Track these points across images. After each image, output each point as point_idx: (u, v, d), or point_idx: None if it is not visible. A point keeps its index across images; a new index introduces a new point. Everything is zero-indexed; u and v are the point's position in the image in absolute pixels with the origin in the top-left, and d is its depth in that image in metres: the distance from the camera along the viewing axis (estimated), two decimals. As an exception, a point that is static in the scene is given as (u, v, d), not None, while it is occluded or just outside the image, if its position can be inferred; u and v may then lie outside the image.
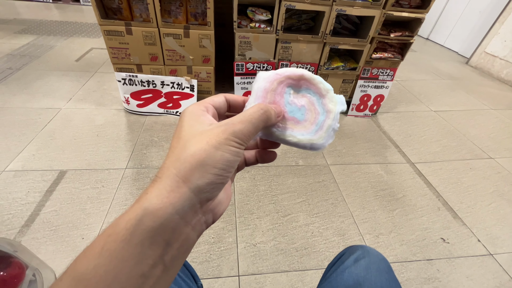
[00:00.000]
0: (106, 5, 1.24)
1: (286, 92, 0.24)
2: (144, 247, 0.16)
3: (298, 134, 0.24)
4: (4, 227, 0.90)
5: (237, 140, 0.19)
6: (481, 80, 2.49)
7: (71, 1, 3.47)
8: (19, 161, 1.15)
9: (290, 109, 0.24)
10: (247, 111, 0.21)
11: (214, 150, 0.18)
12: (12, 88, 1.63)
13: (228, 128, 0.19)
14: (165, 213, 0.16)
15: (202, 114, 0.21)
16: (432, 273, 0.91)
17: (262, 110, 0.21)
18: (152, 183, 0.18)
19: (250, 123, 0.20)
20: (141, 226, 0.16)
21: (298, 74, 0.23)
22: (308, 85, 0.24)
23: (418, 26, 1.39)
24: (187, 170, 0.17)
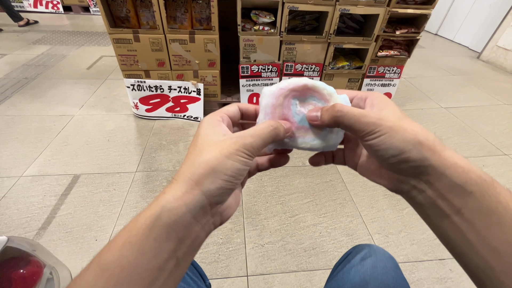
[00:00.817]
0: (115, 14, 1.29)
1: (293, 104, 0.25)
2: (161, 241, 0.18)
3: (310, 140, 0.26)
4: (23, 230, 0.95)
5: (246, 152, 0.20)
6: (494, 75, 2.41)
7: (82, 11, 3.59)
8: (36, 167, 1.20)
9: (299, 118, 0.25)
10: (259, 126, 0.22)
11: (226, 159, 0.20)
12: (27, 97, 1.70)
13: (240, 140, 0.21)
14: (180, 211, 0.18)
15: (218, 124, 0.23)
16: (445, 272, 0.89)
17: (271, 127, 0.23)
18: (169, 184, 0.20)
19: (260, 137, 0.21)
20: (159, 222, 0.18)
21: (301, 84, 0.25)
22: (312, 93, 0.25)
23: (424, 22, 1.37)
24: (201, 175, 0.19)
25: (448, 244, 0.21)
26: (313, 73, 1.50)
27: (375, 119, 0.20)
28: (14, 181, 1.12)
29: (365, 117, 0.21)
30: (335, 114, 0.22)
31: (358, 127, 0.21)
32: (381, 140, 0.20)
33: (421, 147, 0.19)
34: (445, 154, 0.19)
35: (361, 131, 0.21)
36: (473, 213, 0.18)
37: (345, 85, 1.60)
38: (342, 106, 0.22)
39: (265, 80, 1.51)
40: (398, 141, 0.19)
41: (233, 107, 0.26)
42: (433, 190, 0.20)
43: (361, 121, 0.21)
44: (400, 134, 0.19)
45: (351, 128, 0.21)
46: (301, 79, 0.25)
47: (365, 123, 0.20)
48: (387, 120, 0.20)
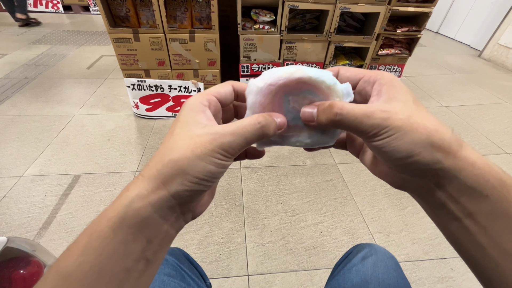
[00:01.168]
0: (114, 13, 1.28)
1: (285, 101, 0.22)
2: (127, 243, 0.17)
3: (304, 139, 0.23)
4: (23, 230, 0.95)
5: (223, 153, 0.18)
6: (495, 73, 2.40)
7: (81, 10, 3.59)
8: (36, 167, 1.20)
9: (292, 116, 0.22)
10: (243, 122, 0.19)
11: (198, 160, 0.17)
12: (28, 97, 1.70)
13: (217, 138, 0.18)
14: (146, 211, 0.17)
15: (201, 110, 0.20)
16: (446, 272, 0.89)
17: (258, 124, 0.19)
18: (135, 180, 0.18)
19: (242, 136, 0.18)
20: (124, 224, 0.17)
21: (294, 79, 0.20)
22: (309, 87, 0.21)
23: (425, 20, 1.36)
24: (168, 175, 0.17)
25: (455, 243, 0.20)
26: (313, 72, 1.50)
27: (380, 120, 0.17)
28: (15, 181, 1.12)
29: (369, 118, 0.18)
30: (333, 117, 0.19)
31: (360, 129, 0.18)
32: (387, 142, 0.17)
33: (432, 149, 0.17)
34: (461, 154, 0.17)
35: (364, 133, 0.18)
36: (486, 217, 0.17)
37: (346, 84, 1.59)
38: (341, 105, 0.18)
39: (266, 79, 1.50)
40: (406, 143, 0.17)
41: (225, 87, 0.22)
42: (443, 192, 0.18)
43: (364, 123, 0.18)
44: (410, 135, 0.17)
45: (353, 130, 0.19)
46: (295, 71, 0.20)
47: (369, 125, 0.18)
48: (395, 119, 0.17)
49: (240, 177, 1.21)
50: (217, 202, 1.08)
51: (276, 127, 0.20)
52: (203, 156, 0.17)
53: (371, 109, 0.18)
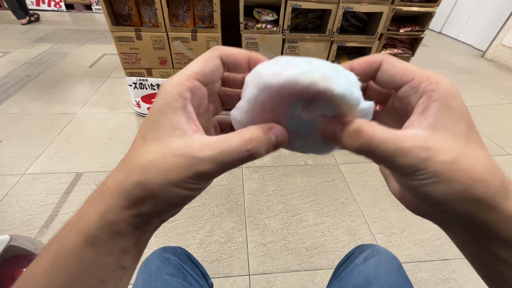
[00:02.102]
0: (117, 12, 1.28)
1: (293, 106, 0.17)
2: (102, 258, 0.16)
3: (299, 146, 0.20)
4: (25, 228, 0.95)
5: (199, 180, 0.15)
6: (498, 74, 2.39)
7: (84, 9, 3.60)
8: (38, 165, 1.20)
9: (293, 123, 0.18)
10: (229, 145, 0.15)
11: (170, 186, 0.15)
12: (30, 95, 1.71)
13: (194, 165, 0.15)
14: (120, 226, 0.16)
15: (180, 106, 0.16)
16: (448, 273, 0.88)
17: (247, 152, 0.15)
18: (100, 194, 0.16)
19: (224, 165, 0.15)
20: (96, 240, 0.15)
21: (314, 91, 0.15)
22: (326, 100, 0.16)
23: (428, 20, 1.35)
24: (139, 197, 0.15)
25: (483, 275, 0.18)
26: (315, 71, 1.49)
27: (418, 161, 0.14)
28: (17, 179, 1.13)
29: (403, 157, 0.14)
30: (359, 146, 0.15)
31: (391, 166, 0.15)
32: (419, 184, 0.14)
33: (470, 202, 0.14)
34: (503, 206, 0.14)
35: (397, 170, 0.15)
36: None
37: (348, 84, 1.59)
38: (372, 133, 0.15)
39: (267, 79, 1.50)
40: (441, 191, 0.14)
41: (211, 63, 0.17)
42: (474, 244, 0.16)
43: (396, 161, 0.14)
44: (448, 183, 0.14)
45: (381, 162, 0.16)
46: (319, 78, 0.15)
47: (401, 164, 0.14)
48: (436, 162, 0.14)
49: (241, 176, 1.20)
50: (218, 202, 1.08)
51: (271, 147, 0.16)
52: (176, 183, 0.15)
53: (408, 143, 0.14)
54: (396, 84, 0.17)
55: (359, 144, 0.15)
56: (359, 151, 0.16)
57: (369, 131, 0.15)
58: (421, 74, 0.16)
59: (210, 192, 1.12)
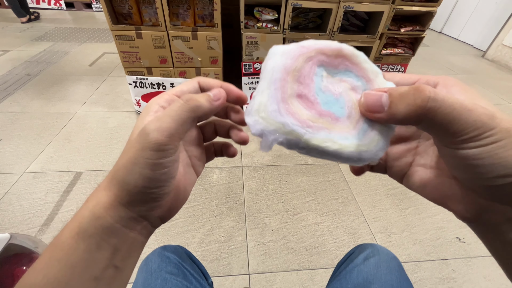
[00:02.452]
0: (117, 10, 1.28)
1: (317, 74, 0.16)
2: (92, 252, 0.17)
3: (339, 138, 0.16)
4: (25, 226, 0.95)
5: (152, 147, 0.15)
6: (499, 74, 2.39)
7: (84, 7, 3.59)
8: (38, 163, 1.20)
9: (324, 99, 0.16)
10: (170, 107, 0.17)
11: (132, 166, 0.16)
12: (30, 94, 1.70)
13: (142, 132, 0.16)
14: (106, 221, 0.17)
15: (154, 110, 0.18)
16: (447, 273, 0.88)
17: (182, 100, 0.17)
18: (95, 191, 0.18)
19: (170, 117, 0.16)
20: (86, 233, 0.17)
21: (334, 48, 0.16)
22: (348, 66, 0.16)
23: (429, 20, 1.35)
24: (116, 187, 0.17)
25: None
26: (316, 71, 1.49)
27: (486, 116, 0.13)
28: (17, 178, 1.13)
29: (472, 112, 0.13)
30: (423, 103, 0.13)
31: (455, 127, 0.13)
32: (491, 149, 0.12)
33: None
34: None
35: (457, 134, 0.13)
36: None
37: (348, 83, 1.59)
38: (433, 89, 0.13)
39: (268, 78, 1.50)
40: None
41: (190, 84, 0.20)
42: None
43: (464, 118, 0.13)
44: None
45: (444, 127, 0.13)
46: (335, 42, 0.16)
47: (470, 122, 0.13)
48: (501, 118, 0.13)
49: (241, 175, 1.20)
50: (218, 201, 1.08)
51: (209, 99, 0.18)
52: (136, 161, 0.16)
53: (469, 101, 0.13)
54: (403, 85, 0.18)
55: (421, 102, 0.13)
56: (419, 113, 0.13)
57: (430, 88, 0.13)
58: (422, 75, 0.17)
59: (210, 191, 1.12)
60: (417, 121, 0.14)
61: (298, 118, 0.15)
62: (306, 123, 0.16)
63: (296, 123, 0.15)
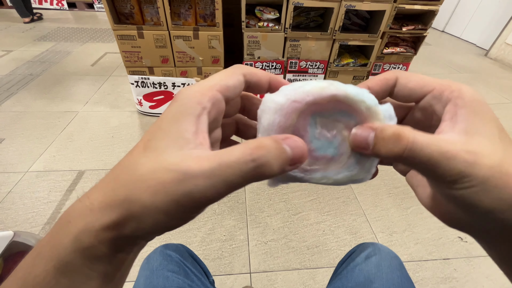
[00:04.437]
0: (119, 10, 1.28)
1: (311, 123, 0.17)
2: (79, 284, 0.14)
3: (333, 174, 0.17)
4: (28, 225, 0.96)
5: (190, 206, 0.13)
6: (502, 73, 2.37)
7: (86, 7, 3.60)
8: (41, 162, 1.21)
9: (319, 145, 0.17)
10: (230, 156, 0.12)
11: (155, 211, 0.13)
12: (33, 93, 1.72)
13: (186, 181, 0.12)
14: (97, 250, 0.13)
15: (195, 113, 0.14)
16: (449, 272, 0.88)
17: (253, 163, 0.12)
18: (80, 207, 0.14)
19: (224, 181, 0.12)
20: (69, 267, 0.13)
21: (327, 96, 0.16)
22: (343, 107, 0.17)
23: (431, 18, 1.34)
24: (121, 216, 0.13)
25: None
26: (317, 70, 1.49)
27: (464, 165, 0.13)
28: (20, 177, 1.14)
29: (449, 161, 0.13)
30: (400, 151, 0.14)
31: (436, 173, 0.13)
32: (467, 193, 0.13)
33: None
34: None
35: (439, 178, 0.14)
36: None
37: (350, 83, 1.58)
38: (412, 136, 0.14)
39: (269, 77, 1.50)
40: (491, 200, 0.13)
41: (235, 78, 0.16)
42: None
43: (442, 167, 0.13)
44: (497, 191, 0.13)
45: (424, 171, 0.14)
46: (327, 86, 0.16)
47: (447, 170, 0.13)
48: (482, 165, 0.13)
49: (243, 175, 1.21)
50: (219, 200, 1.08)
51: (286, 160, 0.13)
52: (162, 207, 0.12)
53: (451, 147, 0.13)
54: (417, 95, 0.17)
55: (400, 149, 0.14)
56: (400, 158, 0.14)
57: (410, 135, 0.14)
58: (440, 83, 0.16)
59: (212, 191, 1.12)
60: (400, 161, 0.14)
61: None
62: (303, 169, 0.17)
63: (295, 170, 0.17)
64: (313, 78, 1.53)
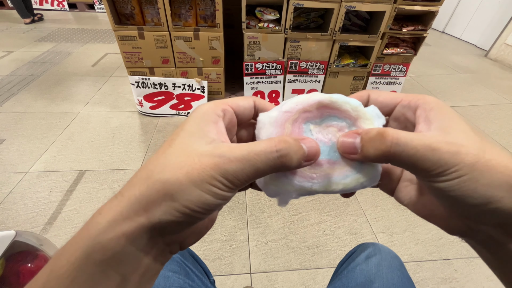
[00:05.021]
0: (120, 11, 1.29)
1: (305, 131, 0.18)
2: (94, 282, 0.14)
3: (341, 179, 0.18)
4: (29, 225, 0.96)
5: (225, 183, 0.14)
6: (502, 73, 2.37)
7: (86, 8, 3.61)
8: (42, 163, 1.21)
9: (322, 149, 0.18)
10: (257, 146, 0.15)
11: (192, 186, 0.13)
12: (34, 94, 1.72)
13: (221, 164, 0.14)
14: (117, 244, 0.14)
15: (212, 121, 0.16)
16: (450, 273, 0.88)
17: (276, 153, 0.14)
18: (112, 200, 0.15)
19: (253, 166, 0.14)
20: (89, 260, 0.14)
21: (313, 102, 0.18)
22: (331, 112, 0.18)
23: (431, 19, 1.35)
24: (152, 199, 0.14)
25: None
26: (317, 70, 1.49)
27: (448, 154, 0.13)
28: (21, 177, 1.14)
29: (434, 152, 0.14)
30: (387, 148, 0.14)
31: (421, 166, 0.14)
32: (458, 183, 0.13)
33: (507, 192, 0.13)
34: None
35: (425, 171, 0.14)
36: None
37: (350, 83, 1.58)
38: (396, 134, 0.14)
39: (269, 78, 1.50)
40: (484, 187, 0.13)
41: (246, 101, 0.19)
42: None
43: (428, 159, 0.14)
44: (487, 175, 0.13)
45: (409, 167, 0.15)
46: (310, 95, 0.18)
47: (434, 162, 0.14)
48: (466, 154, 0.13)
49: (243, 175, 1.21)
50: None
51: (303, 156, 0.15)
52: (199, 182, 0.13)
53: (433, 139, 0.14)
54: (388, 107, 0.19)
55: (385, 147, 0.14)
56: (385, 156, 0.15)
57: (393, 133, 0.14)
58: (406, 95, 0.18)
59: (212, 191, 1.12)
60: (387, 161, 0.15)
61: (301, 175, 0.18)
62: (309, 177, 0.18)
63: (301, 179, 0.17)
64: (314, 79, 1.53)
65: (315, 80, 1.53)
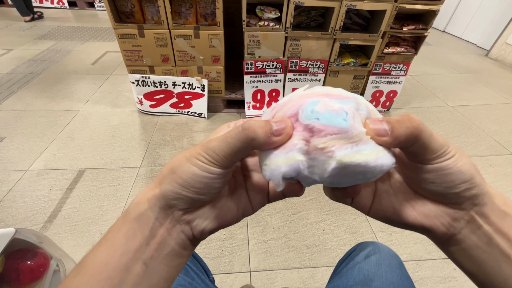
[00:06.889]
0: (120, 9, 1.28)
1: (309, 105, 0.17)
2: (128, 238, 0.18)
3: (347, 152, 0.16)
4: (29, 223, 0.96)
5: (206, 157, 0.18)
6: (502, 73, 2.37)
7: (86, 6, 3.60)
8: (42, 161, 1.21)
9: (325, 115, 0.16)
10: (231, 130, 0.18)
11: (185, 161, 0.18)
12: (33, 92, 1.72)
13: (204, 143, 0.18)
14: (142, 207, 0.19)
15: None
16: (449, 272, 0.88)
17: (240, 127, 0.17)
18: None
19: (225, 142, 0.17)
20: (128, 217, 0.19)
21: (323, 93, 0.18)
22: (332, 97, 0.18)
23: (432, 18, 1.34)
24: (163, 174, 0.19)
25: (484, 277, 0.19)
26: (318, 69, 1.49)
27: (444, 141, 0.17)
28: (21, 175, 1.14)
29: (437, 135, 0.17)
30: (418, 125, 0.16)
31: (432, 146, 0.17)
32: (453, 161, 0.17)
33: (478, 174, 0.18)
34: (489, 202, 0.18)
35: (434, 151, 0.17)
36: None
37: (351, 83, 1.58)
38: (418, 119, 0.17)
39: (270, 77, 1.50)
40: (467, 164, 0.17)
41: None
42: (489, 225, 0.18)
43: (436, 139, 0.17)
44: (465, 158, 0.17)
45: (423, 147, 0.17)
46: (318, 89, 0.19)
47: (439, 144, 0.17)
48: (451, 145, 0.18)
49: (243, 174, 1.21)
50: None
51: (270, 129, 0.17)
52: (190, 158, 0.18)
53: None
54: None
55: (416, 124, 0.16)
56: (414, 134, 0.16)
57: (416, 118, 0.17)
58: None
59: (212, 189, 1.12)
60: (414, 140, 0.16)
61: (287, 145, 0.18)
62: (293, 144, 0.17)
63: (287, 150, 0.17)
64: (314, 78, 1.53)
65: (316, 79, 1.53)
